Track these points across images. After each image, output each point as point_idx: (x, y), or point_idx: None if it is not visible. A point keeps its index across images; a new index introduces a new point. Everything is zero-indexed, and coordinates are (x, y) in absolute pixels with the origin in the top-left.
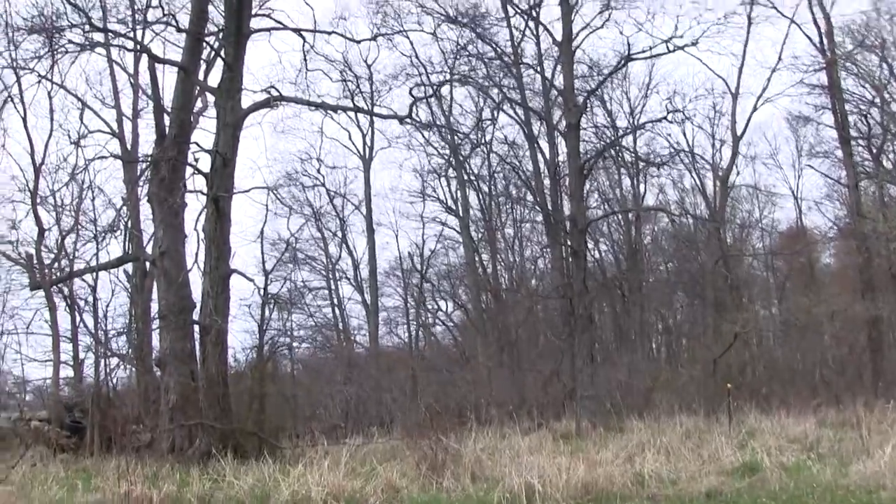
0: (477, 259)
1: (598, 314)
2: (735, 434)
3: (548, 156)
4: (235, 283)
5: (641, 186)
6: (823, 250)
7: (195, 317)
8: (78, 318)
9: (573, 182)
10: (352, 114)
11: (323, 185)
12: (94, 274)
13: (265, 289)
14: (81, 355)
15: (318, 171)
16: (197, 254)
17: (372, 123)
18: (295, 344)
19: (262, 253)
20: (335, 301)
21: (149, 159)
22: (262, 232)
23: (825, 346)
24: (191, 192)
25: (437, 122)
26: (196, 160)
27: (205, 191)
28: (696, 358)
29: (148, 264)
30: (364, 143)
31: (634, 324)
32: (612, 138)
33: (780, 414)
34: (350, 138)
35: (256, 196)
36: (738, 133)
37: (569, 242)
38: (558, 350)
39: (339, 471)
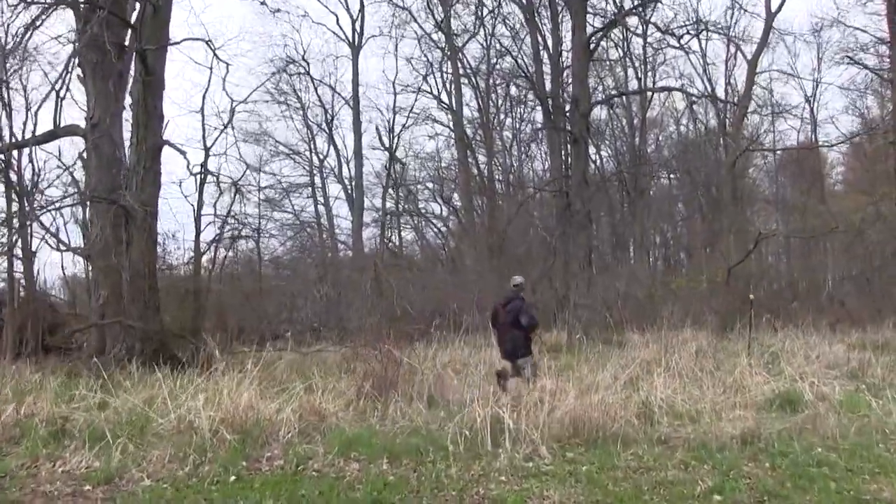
0: (471, 159)
1: (595, 223)
2: (757, 355)
3: (550, 40)
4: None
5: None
6: (834, 166)
7: None
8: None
9: (577, 59)
10: None
11: (307, 73)
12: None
13: (204, 165)
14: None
15: (303, 57)
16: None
17: (362, 6)
18: (264, 240)
19: (204, 127)
20: (318, 198)
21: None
22: (203, 98)
23: (836, 263)
24: (113, 42)
25: None
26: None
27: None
28: (705, 267)
29: None
30: (353, 29)
31: (634, 233)
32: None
33: (800, 333)
34: (338, 22)
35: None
36: (773, 9)
37: (568, 127)
38: (552, 253)
39: (245, 390)
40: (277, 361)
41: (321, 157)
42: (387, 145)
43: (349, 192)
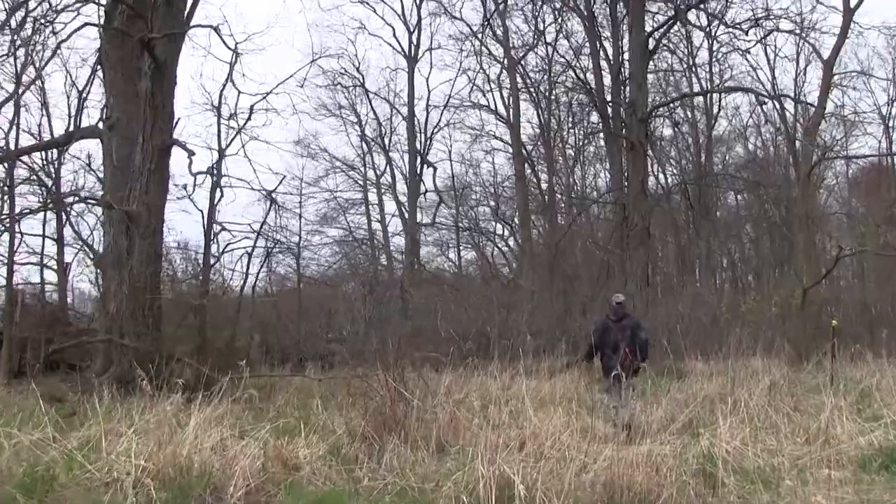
0: (531, 176)
1: (661, 245)
2: (844, 392)
3: (610, 50)
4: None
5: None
6: None
7: None
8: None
9: (634, 61)
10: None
11: (362, 84)
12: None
13: (217, 168)
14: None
15: (358, 69)
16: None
17: (419, 19)
18: (313, 256)
19: (219, 125)
20: (372, 215)
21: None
22: (220, 96)
23: None
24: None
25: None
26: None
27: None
28: (774, 290)
29: None
30: (410, 42)
31: (700, 254)
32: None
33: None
34: (395, 35)
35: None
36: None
37: (624, 132)
38: (606, 271)
39: (200, 428)
40: (287, 388)
41: (378, 172)
42: (417, 148)
43: (403, 208)
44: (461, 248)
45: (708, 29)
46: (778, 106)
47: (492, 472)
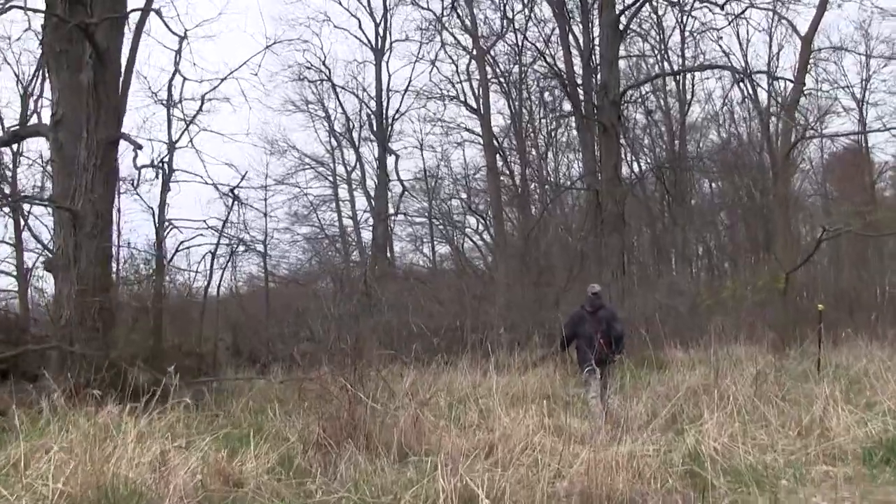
0: (502, 164)
1: (636, 235)
2: (832, 380)
3: (581, 38)
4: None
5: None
6: (882, 171)
7: None
8: None
9: (605, 42)
10: None
11: (328, 79)
12: None
13: (167, 162)
14: None
15: (324, 63)
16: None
17: (385, 10)
18: (282, 255)
19: (169, 117)
20: (343, 211)
21: None
22: (169, 85)
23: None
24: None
25: None
26: None
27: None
28: (751, 276)
29: None
30: (377, 33)
31: (676, 242)
32: None
33: (877, 350)
34: (360, 27)
35: None
36: None
37: (597, 117)
38: (579, 259)
39: (140, 444)
40: (248, 391)
41: (348, 167)
42: (378, 134)
43: (373, 203)
44: (435, 242)
45: (681, 3)
46: (751, 89)
47: (454, 485)
